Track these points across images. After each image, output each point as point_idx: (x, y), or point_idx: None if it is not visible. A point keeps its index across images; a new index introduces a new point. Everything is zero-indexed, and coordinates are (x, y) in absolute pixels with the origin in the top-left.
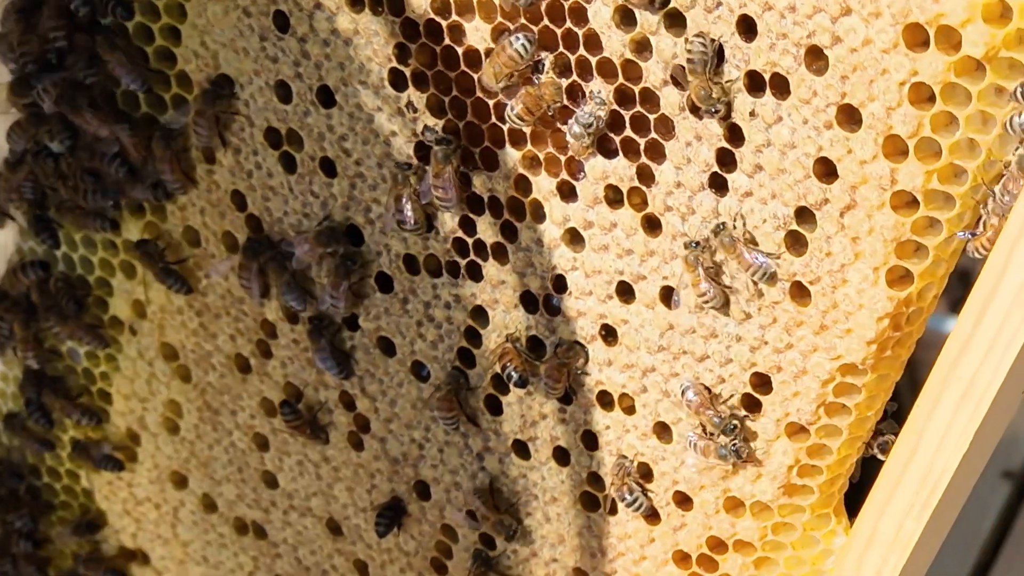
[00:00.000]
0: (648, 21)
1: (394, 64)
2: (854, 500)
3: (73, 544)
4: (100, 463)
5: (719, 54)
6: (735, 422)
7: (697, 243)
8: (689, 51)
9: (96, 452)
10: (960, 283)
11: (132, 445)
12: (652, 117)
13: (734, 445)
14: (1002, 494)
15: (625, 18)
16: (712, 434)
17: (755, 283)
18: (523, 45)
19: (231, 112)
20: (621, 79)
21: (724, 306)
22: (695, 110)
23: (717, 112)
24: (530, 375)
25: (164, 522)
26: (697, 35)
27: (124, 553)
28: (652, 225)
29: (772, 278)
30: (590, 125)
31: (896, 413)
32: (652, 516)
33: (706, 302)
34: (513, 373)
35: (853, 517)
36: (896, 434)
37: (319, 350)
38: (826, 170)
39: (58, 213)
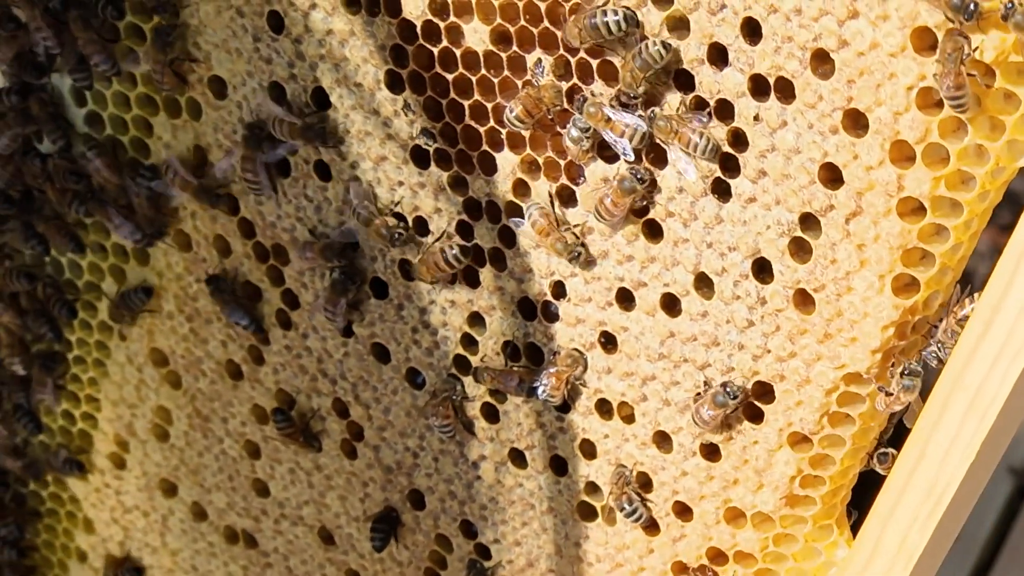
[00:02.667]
0: (651, 24)
1: (390, 66)
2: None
3: None
4: (61, 469)
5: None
6: (579, 249)
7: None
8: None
9: (55, 461)
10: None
11: (120, 452)
12: None
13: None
14: (1003, 493)
15: (628, 20)
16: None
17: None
18: (617, 22)
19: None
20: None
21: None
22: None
23: (636, 99)
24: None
25: (153, 530)
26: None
27: (113, 562)
28: (654, 231)
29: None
30: (588, 129)
31: (900, 425)
32: (651, 527)
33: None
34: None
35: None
36: (896, 448)
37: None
38: (831, 176)
39: (39, 220)
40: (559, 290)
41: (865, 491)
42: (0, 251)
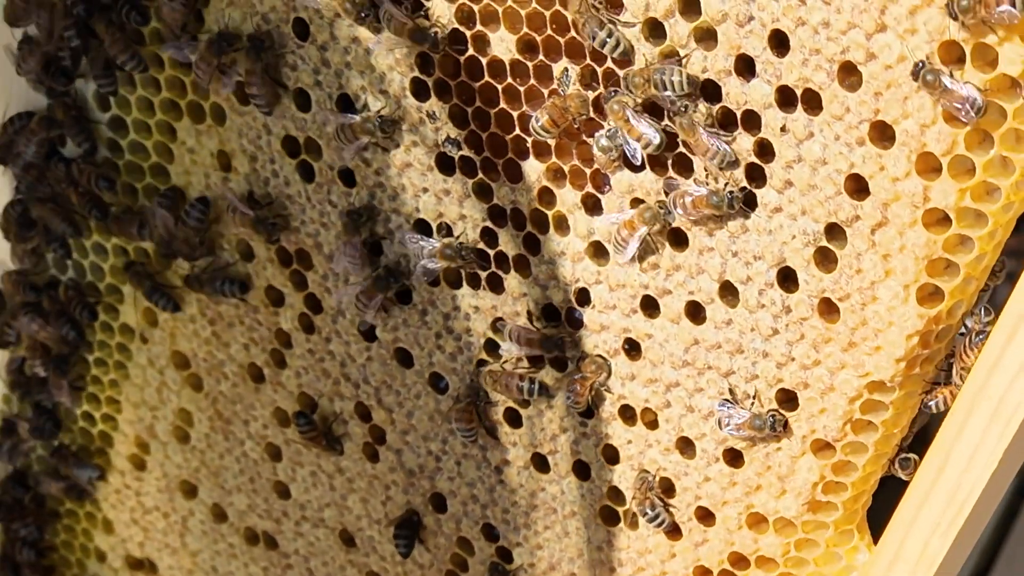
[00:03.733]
0: (678, 35)
1: (416, 73)
2: (875, 517)
3: None
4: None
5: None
6: None
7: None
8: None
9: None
10: None
11: (141, 453)
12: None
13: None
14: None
15: (654, 31)
16: None
17: (719, 169)
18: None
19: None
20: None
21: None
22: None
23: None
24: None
25: (173, 531)
26: None
27: (132, 562)
28: (679, 239)
29: (733, 164)
30: (617, 136)
31: (923, 430)
32: (673, 531)
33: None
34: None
35: (875, 534)
36: (919, 454)
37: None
38: (857, 187)
39: (38, 206)
40: (583, 297)
41: (886, 495)
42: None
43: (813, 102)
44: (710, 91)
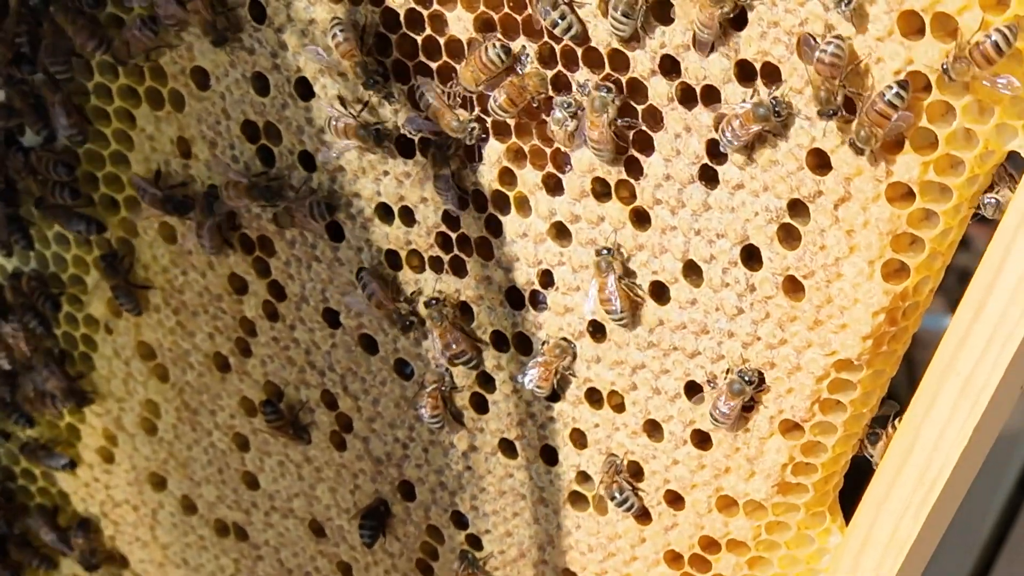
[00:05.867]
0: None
1: (374, 55)
2: (847, 498)
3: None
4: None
5: None
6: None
7: (608, 249)
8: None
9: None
10: (959, 283)
11: (108, 446)
12: (640, 108)
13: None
14: (1003, 493)
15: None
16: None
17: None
18: (498, 55)
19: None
20: (608, 69)
21: (631, 321)
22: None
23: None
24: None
25: (143, 524)
26: None
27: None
28: (641, 219)
29: None
30: (570, 105)
31: (898, 414)
32: (643, 516)
33: (609, 312)
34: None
35: (847, 515)
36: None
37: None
38: (819, 161)
39: (39, 211)
40: (547, 279)
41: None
42: None
43: (773, 76)
44: (668, 67)
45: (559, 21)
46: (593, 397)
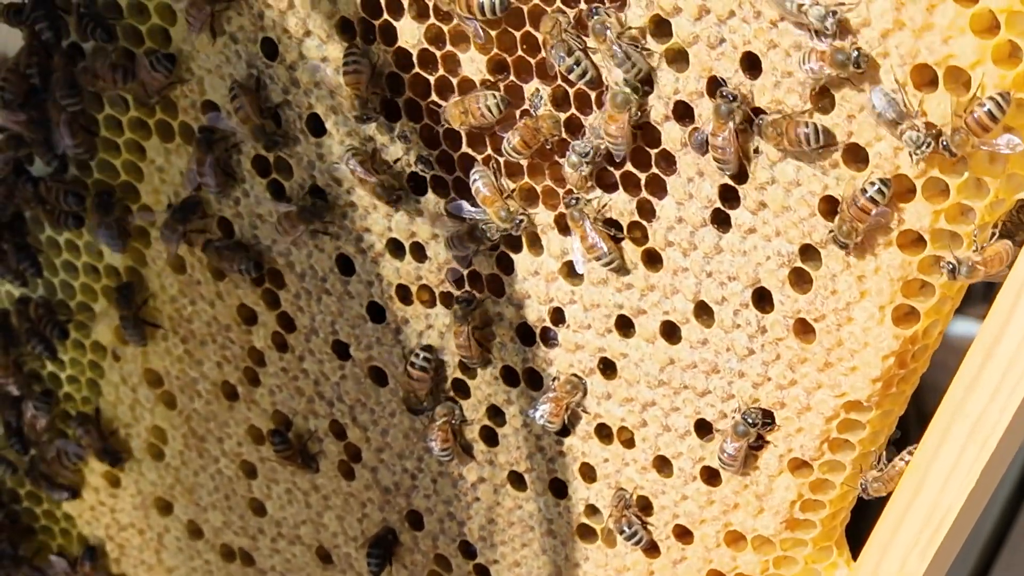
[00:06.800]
0: (651, 57)
1: (386, 93)
2: (854, 532)
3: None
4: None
5: None
6: (521, 217)
7: (576, 199)
8: None
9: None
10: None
11: (115, 471)
12: (653, 152)
13: None
14: (1003, 493)
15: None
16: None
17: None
18: (496, 105)
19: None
20: None
21: (621, 264)
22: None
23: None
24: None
25: (148, 548)
26: None
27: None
28: (652, 260)
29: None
30: (587, 154)
31: (899, 441)
32: (651, 549)
33: (598, 258)
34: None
35: (854, 548)
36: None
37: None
38: (832, 208)
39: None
40: (558, 316)
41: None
42: None
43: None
44: (681, 112)
45: (575, 67)
46: (603, 432)
